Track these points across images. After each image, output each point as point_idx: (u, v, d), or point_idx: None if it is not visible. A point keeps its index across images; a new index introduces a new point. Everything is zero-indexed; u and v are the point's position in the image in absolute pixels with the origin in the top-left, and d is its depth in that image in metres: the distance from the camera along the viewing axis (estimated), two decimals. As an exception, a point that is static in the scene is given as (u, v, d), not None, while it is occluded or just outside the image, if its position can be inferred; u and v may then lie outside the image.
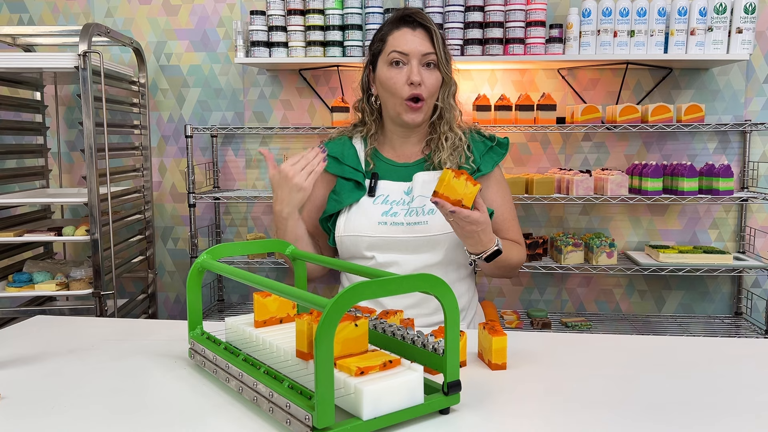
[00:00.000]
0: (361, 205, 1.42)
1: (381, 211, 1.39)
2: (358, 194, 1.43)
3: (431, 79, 1.37)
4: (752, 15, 2.19)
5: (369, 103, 1.49)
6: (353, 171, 1.45)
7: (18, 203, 2.36)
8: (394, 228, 1.38)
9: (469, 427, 0.82)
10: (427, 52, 1.36)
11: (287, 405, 0.78)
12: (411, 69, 1.35)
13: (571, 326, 2.42)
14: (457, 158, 1.41)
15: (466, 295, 1.46)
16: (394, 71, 1.37)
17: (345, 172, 1.46)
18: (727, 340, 1.21)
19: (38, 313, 1.63)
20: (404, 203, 1.41)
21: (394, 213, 1.39)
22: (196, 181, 2.51)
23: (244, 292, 2.75)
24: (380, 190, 1.43)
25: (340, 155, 1.47)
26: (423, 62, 1.36)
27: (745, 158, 2.47)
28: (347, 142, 1.51)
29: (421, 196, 1.39)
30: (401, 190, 1.43)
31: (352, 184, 1.45)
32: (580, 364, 1.06)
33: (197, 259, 1.02)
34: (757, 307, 2.51)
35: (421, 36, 1.37)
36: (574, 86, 2.52)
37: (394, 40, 1.38)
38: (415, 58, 1.35)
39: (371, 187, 1.43)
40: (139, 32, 2.66)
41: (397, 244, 1.37)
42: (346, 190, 1.44)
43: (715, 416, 0.85)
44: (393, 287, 0.79)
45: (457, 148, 1.41)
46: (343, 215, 1.43)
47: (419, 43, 1.36)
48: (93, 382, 0.99)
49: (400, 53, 1.36)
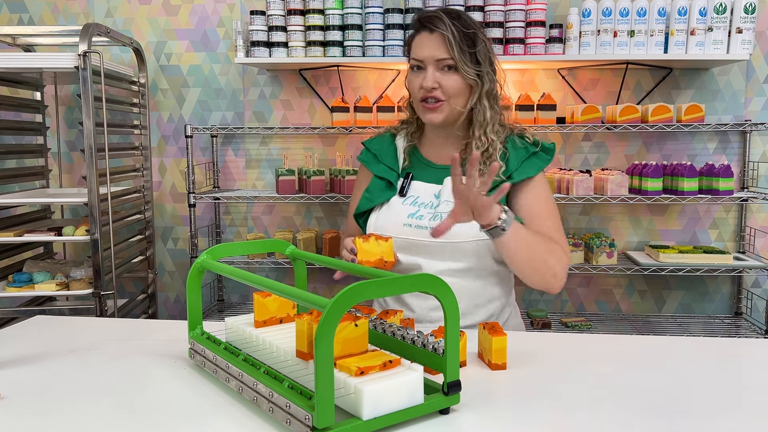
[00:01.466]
0: (391, 205, 1.42)
1: (407, 213, 1.39)
2: (389, 193, 1.44)
3: (450, 82, 1.35)
4: (752, 15, 2.19)
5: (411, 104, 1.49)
6: (388, 170, 1.46)
7: (18, 203, 2.36)
8: (417, 231, 1.37)
9: (469, 427, 0.82)
10: (442, 57, 1.34)
11: (287, 405, 0.78)
12: (426, 75, 1.35)
13: (571, 326, 2.42)
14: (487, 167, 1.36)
15: (497, 301, 1.43)
16: (413, 76, 1.40)
17: (380, 171, 1.47)
18: (727, 340, 1.21)
19: (38, 313, 1.63)
20: (431, 206, 1.39)
21: (420, 216, 1.38)
22: (196, 181, 2.51)
23: (244, 292, 2.75)
24: (412, 191, 1.43)
25: (379, 152, 1.50)
26: (439, 66, 1.35)
27: (745, 158, 2.47)
28: (389, 139, 1.52)
29: (447, 201, 1.37)
30: (432, 193, 1.42)
31: (385, 183, 1.46)
32: (580, 364, 1.06)
33: (197, 259, 1.02)
34: (757, 307, 2.51)
35: (437, 41, 1.35)
36: (574, 86, 2.52)
37: (414, 47, 1.39)
38: (430, 64, 1.35)
39: (403, 186, 1.44)
40: (139, 32, 2.66)
41: (419, 247, 1.36)
42: (379, 188, 1.45)
43: (715, 416, 0.85)
44: (393, 287, 0.79)
45: (490, 156, 1.37)
46: (375, 213, 1.44)
47: (434, 48, 1.35)
48: (93, 382, 0.99)
49: (417, 60, 1.37)
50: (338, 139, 2.62)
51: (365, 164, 1.52)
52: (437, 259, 1.36)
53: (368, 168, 1.50)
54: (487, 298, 1.40)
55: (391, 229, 1.39)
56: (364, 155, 1.53)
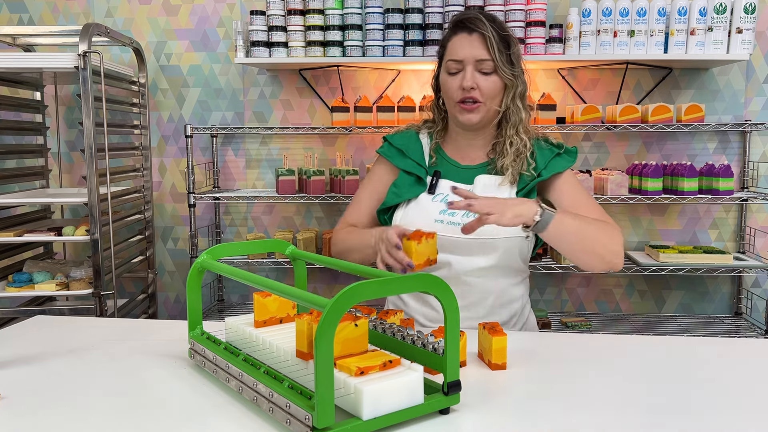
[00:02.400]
0: (420, 202, 1.41)
1: (439, 209, 1.38)
2: (418, 190, 1.42)
3: (487, 84, 1.36)
4: (752, 15, 2.19)
5: (438, 105, 1.49)
6: (416, 166, 1.44)
7: (18, 203, 2.36)
8: (450, 228, 1.35)
9: (469, 427, 0.82)
10: (482, 58, 1.35)
11: (287, 405, 0.78)
12: (465, 75, 1.35)
13: (571, 326, 2.42)
14: (519, 165, 1.39)
15: (519, 301, 1.43)
16: (450, 78, 1.39)
17: (408, 166, 1.45)
18: (727, 340, 1.21)
19: (38, 313, 1.63)
20: None
21: (452, 212, 1.37)
22: (196, 181, 2.51)
23: (244, 292, 2.75)
24: (440, 189, 1.42)
25: (405, 148, 1.47)
26: (478, 68, 1.35)
27: (745, 158, 2.47)
28: (414, 135, 1.50)
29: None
30: None
31: (413, 179, 1.44)
32: (580, 364, 1.06)
33: (197, 259, 1.02)
34: (757, 307, 2.51)
35: (477, 42, 1.35)
36: (574, 86, 2.52)
37: (452, 47, 1.38)
38: (469, 64, 1.35)
39: (432, 184, 1.42)
40: (139, 32, 2.66)
41: (451, 244, 1.35)
42: (407, 184, 1.43)
43: (715, 416, 0.85)
44: (393, 287, 0.79)
45: (521, 155, 1.39)
46: (401, 209, 1.42)
47: (475, 48, 1.35)
48: (93, 382, 0.99)
49: (455, 61, 1.37)
50: (338, 139, 2.62)
51: (389, 158, 1.48)
52: (467, 256, 1.36)
53: (393, 162, 1.47)
54: (510, 298, 1.41)
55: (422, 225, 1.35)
56: (387, 149, 1.50)
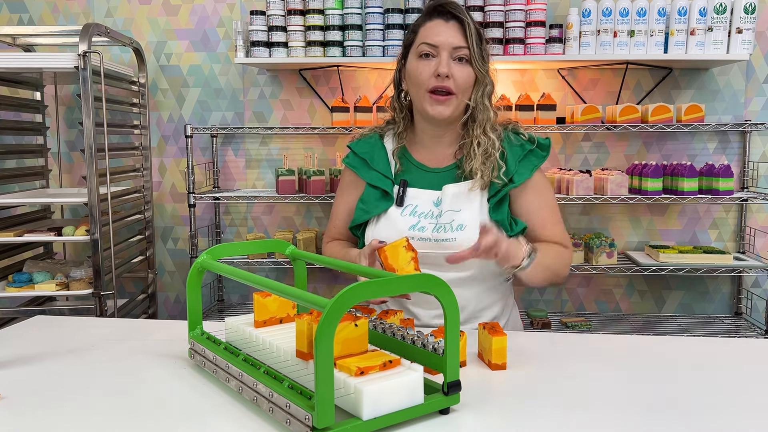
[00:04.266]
0: (390, 216, 1.35)
1: (409, 225, 1.33)
2: (385, 204, 1.36)
3: (462, 74, 1.29)
4: (752, 15, 2.19)
5: (399, 100, 1.41)
6: (382, 178, 1.38)
7: (18, 203, 2.36)
8: (421, 243, 1.31)
9: (469, 427, 0.82)
10: (459, 45, 1.28)
11: (287, 405, 0.78)
12: (440, 61, 1.28)
13: (571, 326, 2.42)
14: (490, 169, 1.31)
15: (500, 302, 1.41)
16: (423, 63, 1.30)
17: (373, 179, 1.38)
18: (727, 340, 1.21)
19: (38, 313, 1.63)
20: (432, 216, 1.34)
21: (422, 227, 1.32)
22: (196, 181, 2.51)
23: (244, 292, 2.75)
24: (409, 200, 1.36)
25: (369, 157, 1.40)
26: (454, 56, 1.29)
27: (745, 158, 2.47)
28: (378, 141, 1.43)
29: (450, 211, 1.33)
30: (431, 200, 1.36)
31: (380, 192, 1.38)
32: (580, 364, 1.06)
33: (197, 259, 1.02)
34: (757, 307, 2.51)
35: (453, 28, 1.29)
36: (574, 86, 2.52)
37: (425, 32, 1.31)
38: (445, 50, 1.28)
39: (400, 196, 1.36)
40: (139, 32, 2.66)
41: (423, 260, 1.27)
42: (374, 199, 1.38)
43: (715, 416, 0.85)
44: (393, 287, 0.79)
45: (490, 157, 1.32)
46: (371, 226, 1.37)
47: (451, 35, 1.29)
48: (93, 382, 0.99)
49: (430, 45, 1.29)
50: (338, 139, 2.62)
51: (354, 170, 1.42)
52: (441, 270, 1.28)
53: (358, 174, 1.41)
54: (491, 301, 1.39)
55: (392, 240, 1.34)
56: (352, 160, 1.43)
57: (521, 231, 1.33)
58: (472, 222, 1.30)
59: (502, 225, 1.31)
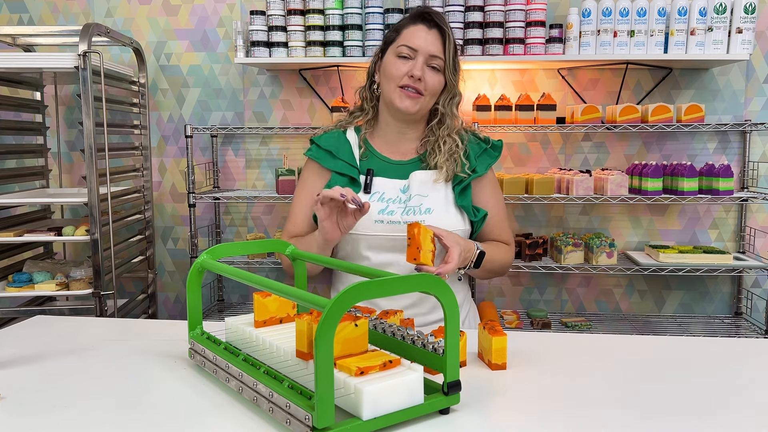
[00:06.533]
0: None
1: (378, 209, 1.37)
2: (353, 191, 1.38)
3: (433, 80, 1.38)
4: (752, 15, 2.19)
5: (370, 90, 1.48)
6: (348, 166, 1.43)
7: (18, 203, 2.36)
8: (391, 227, 1.36)
9: (469, 427, 0.82)
10: (436, 54, 1.37)
11: (287, 405, 0.78)
12: (415, 64, 1.36)
13: (571, 326, 2.42)
14: (453, 164, 1.41)
15: (460, 292, 1.46)
16: (400, 62, 1.38)
17: (339, 167, 1.43)
18: (727, 340, 1.21)
19: (38, 313, 1.63)
20: (401, 201, 1.39)
21: (391, 211, 1.37)
22: (196, 181, 2.51)
23: (244, 292, 2.75)
24: (375, 187, 1.41)
25: (334, 149, 1.45)
26: (429, 63, 1.37)
27: (745, 158, 2.47)
28: (341, 135, 1.48)
29: (418, 195, 1.39)
30: (397, 188, 1.41)
31: (347, 179, 1.42)
32: (580, 364, 1.06)
33: (197, 259, 1.02)
34: (757, 307, 2.51)
35: (434, 37, 1.37)
36: (574, 86, 2.52)
37: (408, 34, 1.39)
38: (422, 56, 1.36)
39: (367, 183, 1.41)
40: (139, 32, 2.66)
41: (394, 243, 1.36)
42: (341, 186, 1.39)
43: (715, 416, 0.85)
44: (393, 287, 0.79)
45: (453, 154, 1.41)
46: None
47: (430, 43, 1.37)
48: (93, 382, 0.99)
49: (410, 48, 1.37)
50: (338, 139, 2.61)
51: (318, 160, 1.45)
52: None
53: (322, 164, 1.44)
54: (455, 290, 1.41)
55: (364, 228, 1.36)
56: (315, 152, 1.47)
57: (483, 217, 1.43)
58: (438, 207, 1.39)
59: (467, 211, 1.41)
